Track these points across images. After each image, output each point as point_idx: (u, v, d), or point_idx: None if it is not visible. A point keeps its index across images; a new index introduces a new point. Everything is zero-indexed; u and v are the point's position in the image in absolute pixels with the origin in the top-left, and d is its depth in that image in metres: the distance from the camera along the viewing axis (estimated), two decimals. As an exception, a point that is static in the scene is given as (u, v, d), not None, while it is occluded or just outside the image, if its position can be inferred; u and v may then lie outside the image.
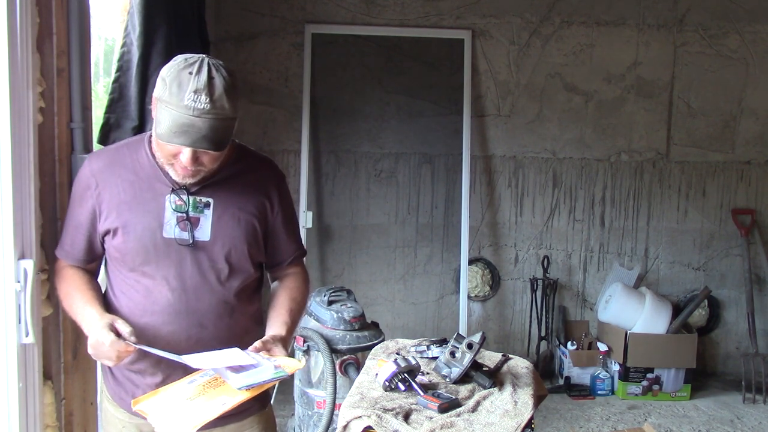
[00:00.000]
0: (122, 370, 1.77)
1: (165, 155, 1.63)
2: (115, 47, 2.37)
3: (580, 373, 4.35)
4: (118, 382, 1.80)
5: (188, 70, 1.54)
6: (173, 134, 1.53)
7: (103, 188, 1.69)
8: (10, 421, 1.63)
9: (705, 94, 4.49)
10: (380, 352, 2.14)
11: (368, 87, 4.42)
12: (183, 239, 1.69)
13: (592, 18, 4.41)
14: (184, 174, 1.64)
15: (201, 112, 1.52)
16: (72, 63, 1.86)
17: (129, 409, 1.75)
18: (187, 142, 1.54)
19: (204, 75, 1.53)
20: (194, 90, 1.51)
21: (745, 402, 4.20)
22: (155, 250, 1.68)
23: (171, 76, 1.54)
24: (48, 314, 1.78)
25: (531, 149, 4.52)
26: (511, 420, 1.71)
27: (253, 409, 1.85)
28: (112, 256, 1.73)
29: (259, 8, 4.31)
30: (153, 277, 1.70)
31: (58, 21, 1.79)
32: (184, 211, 1.69)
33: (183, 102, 1.51)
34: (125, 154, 1.73)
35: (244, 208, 1.75)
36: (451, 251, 4.51)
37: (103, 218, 1.70)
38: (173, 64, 1.58)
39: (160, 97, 1.55)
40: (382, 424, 1.66)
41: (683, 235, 4.61)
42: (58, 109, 1.81)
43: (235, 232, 1.73)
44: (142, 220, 1.68)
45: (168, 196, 1.69)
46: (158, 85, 1.57)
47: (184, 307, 1.70)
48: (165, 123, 1.53)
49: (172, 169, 1.65)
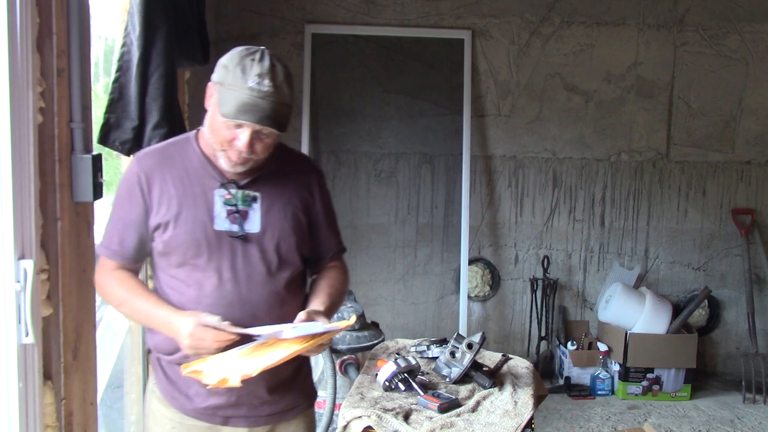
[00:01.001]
0: (175, 368, 1.76)
1: (220, 141, 1.67)
2: (115, 47, 2.37)
3: (580, 373, 4.35)
4: (171, 381, 1.80)
5: (251, 57, 1.62)
6: (239, 112, 1.59)
7: (153, 184, 1.73)
8: (10, 421, 1.63)
9: (705, 94, 4.49)
10: (380, 352, 2.14)
11: (368, 87, 4.42)
12: (233, 231, 1.73)
13: (592, 18, 4.41)
14: (236, 161, 1.68)
15: (264, 94, 1.59)
16: (72, 63, 1.86)
17: (182, 409, 1.78)
18: (253, 119, 1.60)
19: (267, 62, 1.62)
20: (258, 74, 1.59)
21: (746, 402, 4.20)
22: (207, 243, 1.71)
23: (234, 62, 1.62)
24: (48, 314, 1.77)
25: (531, 149, 4.52)
26: (511, 420, 1.71)
27: (300, 408, 1.87)
28: (160, 252, 1.75)
29: (259, 8, 4.31)
30: (205, 270, 1.72)
31: (58, 21, 1.79)
32: (234, 205, 1.73)
33: (247, 84, 1.59)
34: (173, 152, 1.79)
35: (290, 201, 1.81)
36: (451, 251, 4.51)
37: (153, 213, 1.73)
38: (234, 52, 1.65)
39: (222, 81, 1.63)
40: (382, 424, 1.66)
41: (683, 235, 4.61)
42: (58, 109, 1.81)
43: (283, 224, 1.78)
44: (193, 213, 1.72)
45: (217, 190, 1.74)
46: (218, 72, 1.65)
47: (237, 299, 1.73)
48: (230, 103, 1.60)
49: (224, 156, 1.69)
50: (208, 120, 1.72)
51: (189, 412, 1.79)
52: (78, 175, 1.90)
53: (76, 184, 1.90)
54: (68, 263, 1.86)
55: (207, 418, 1.80)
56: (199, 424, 1.80)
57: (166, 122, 2.29)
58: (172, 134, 2.32)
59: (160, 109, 2.27)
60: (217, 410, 1.78)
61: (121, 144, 2.25)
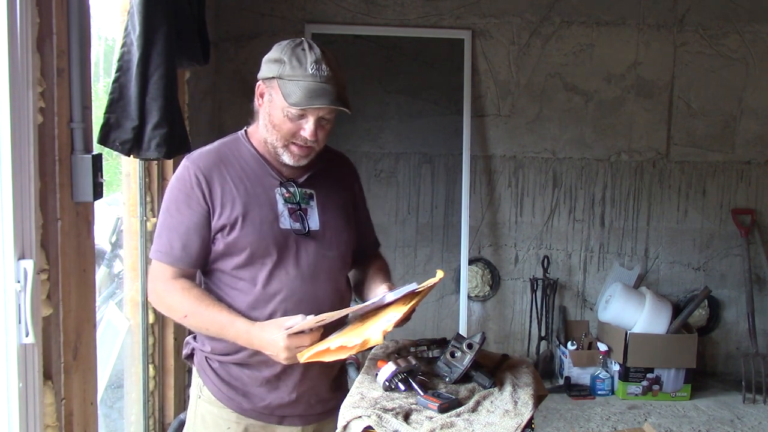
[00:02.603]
0: (231, 368, 1.77)
1: (284, 134, 1.68)
2: (115, 47, 2.37)
3: (580, 373, 4.35)
4: (226, 382, 1.79)
5: (300, 47, 1.66)
6: (311, 98, 1.62)
7: (213, 186, 1.72)
8: (10, 421, 1.63)
9: (705, 94, 4.49)
10: (380, 352, 2.13)
11: (368, 87, 4.42)
12: (298, 229, 1.74)
13: (592, 18, 4.41)
14: (300, 153, 1.70)
15: (327, 78, 1.64)
16: (72, 63, 1.86)
17: (238, 409, 1.78)
18: (326, 101, 1.63)
19: (317, 49, 1.66)
20: (314, 61, 1.63)
21: (745, 402, 4.20)
22: (274, 242, 1.72)
23: (287, 55, 1.65)
24: (48, 314, 1.77)
25: (531, 149, 4.52)
26: (511, 420, 1.71)
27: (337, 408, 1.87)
28: (220, 253, 1.73)
29: (259, 8, 4.31)
30: (273, 268, 1.72)
31: (58, 21, 1.79)
32: (296, 203, 1.75)
33: (308, 72, 1.62)
34: (227, 152, 1.78)
35: (341, 199, 1.85)
36: (451, 251, 4.51)
37: (217, 215, 1.71)
38: (281, 46, 1.69)
39: (280, 75, 1.65)
40: (382, 424, 1.66)
41: (683, 235, 4.61)
42: (58, 109, 1.81)
43: (339, 221, 1.81)
44: (260, 213, 1.72)
45: (277, 188, 1.75)
46: (271, 67, 1.68)
47: (305, 296, 1.74)
48: (297, 92, 1.62)
49: (286, 151, 1.71)
50: (266, 117, 1.72)
51: (246, 411, 1.79)
52: (78, 175, 1.90)
53: (76, 184, 1.90)
54: (68, 263, 1.86)
55: (264, 418, 1.80)
56: (255, 423, 1.80)
57: (166, 122, 2.29)
58: (172, 134, 2.32)
59: (160, 109, 2.27)
60: (275, 409, 1.79)
61: (121, 144, 2.25)
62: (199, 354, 1.84)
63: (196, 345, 1.84)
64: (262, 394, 1.78)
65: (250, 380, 1.77)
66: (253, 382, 1.77)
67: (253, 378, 1.77)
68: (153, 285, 1.77)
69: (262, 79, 1.72)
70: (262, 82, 1.72)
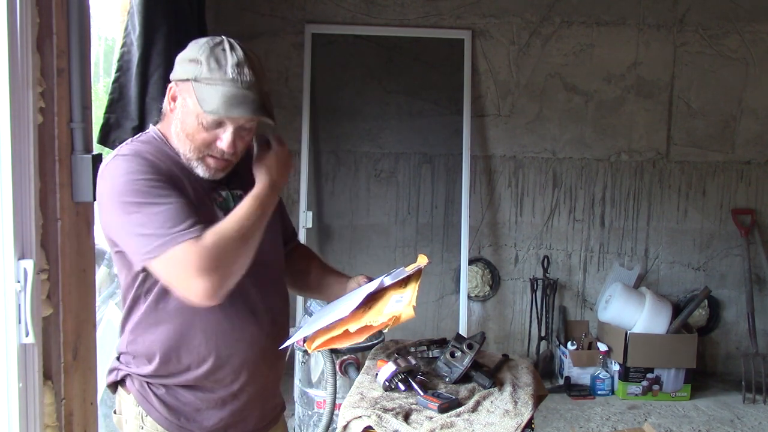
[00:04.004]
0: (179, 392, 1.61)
1: (198, 145, 1.52)
2: (115, 47, 2.37)
3: (580, 373, 4.35)
4: (173, 409, 1.61)
5: (220, 47, 1.49)
6: (229, 106, 1.45)
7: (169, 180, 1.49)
8: (10, 421, 1.63)
9: (705, 94, 4.49)
10: (380, 352, 2.13)
11: (368, 87, 4.42)
12: None
13: (592, 18, 4.41)
14: (216, 166, 1.54)
15: (249, 84, 1.47)
16: (72, 63, 1.86)
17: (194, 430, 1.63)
18: (248, 111, 1.46)
19: (239, 50, 1.50)
20: (236, 64, 1.47)
21: (745, 402, 4.20)
22: None
23: (204, 55, 1.48)
24: (48, 314, 1.77)
25: (531, 149, 4.52)
26: (511, 420, 1.70)
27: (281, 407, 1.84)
28: None
29: (259, 8, 4.31)
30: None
31: (58, 21, 1.79)
32: (229, 207, 1.55)
33: (228, 76, 1.46)
34: (152, 153, 1.54)
35: None
36: (451, 251, 4.51)
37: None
38: (198, 44, 1.51)
39: (196, 78, 1.48)
40: (382, 424, 1.66)
41: (683, 235, 4.61)
42: (58, 109, 1.81)
43: (271, 219, 1.59)
44: (203, 218, 1.47)
45: (209, 193, 1.58)
46: (185, 68, 1.50)
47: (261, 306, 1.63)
48: (214, 98, 1.45)
49: (201, 164, 1.54)
50: (178, 124, 1.54)
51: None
52: (78, 175, 1.89)
53: (76, 184, 1.89)
54: (68, 263, 1.86)
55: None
56: None
57: (166, 122, 2.28)
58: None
59: (160, 109, 2.27)
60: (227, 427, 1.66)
61: (121, 144, 2.25)
62: (137, 380, 1.63)
63: (131, 369, 1.64)
64: (212, 413, 1.63)
65: (203, 402, 1.62)
66: (206, 405, 1.62)
67: (205, 400, 1.62)
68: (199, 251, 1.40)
69: (175, 80, 1.54)
70: (174, 83, 1.55)
